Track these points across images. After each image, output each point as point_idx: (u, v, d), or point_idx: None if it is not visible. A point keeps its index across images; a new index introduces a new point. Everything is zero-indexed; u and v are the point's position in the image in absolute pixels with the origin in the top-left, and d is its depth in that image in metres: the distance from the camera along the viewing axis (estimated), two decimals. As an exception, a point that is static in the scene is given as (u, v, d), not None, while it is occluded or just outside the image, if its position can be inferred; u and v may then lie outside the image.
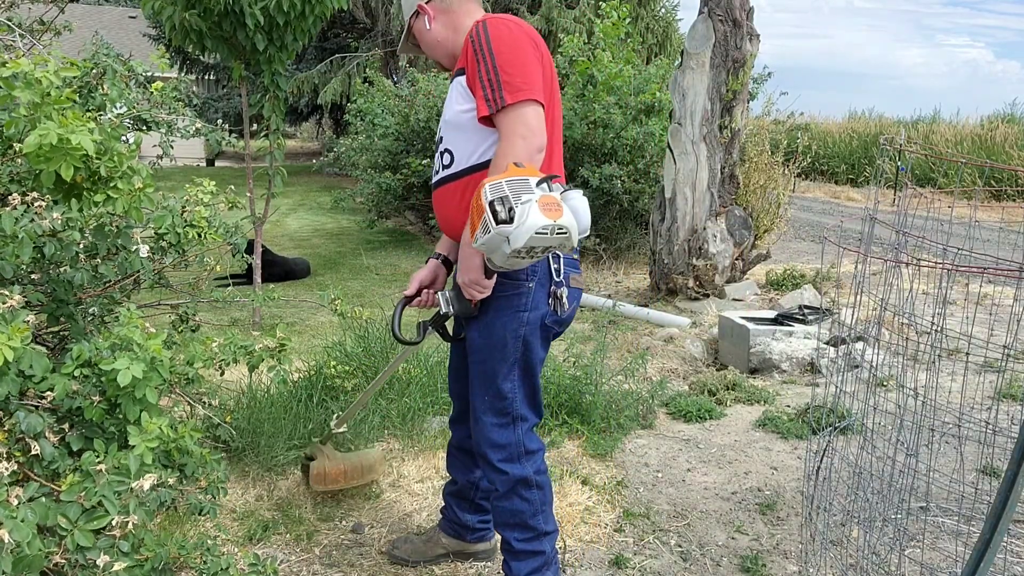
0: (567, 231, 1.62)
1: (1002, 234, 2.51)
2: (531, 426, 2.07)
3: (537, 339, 1.97)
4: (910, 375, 2.20)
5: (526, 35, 1.88)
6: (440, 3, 2.03)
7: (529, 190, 1.62)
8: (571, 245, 1.67)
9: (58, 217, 1.69)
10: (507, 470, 2.02)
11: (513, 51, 1.82)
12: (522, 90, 1.78)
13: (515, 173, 1.67)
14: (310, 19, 4.47)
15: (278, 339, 2.16)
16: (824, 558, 2.31)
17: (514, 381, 1.99)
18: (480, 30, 1.85)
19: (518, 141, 1.77)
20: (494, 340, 1.96)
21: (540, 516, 2.06)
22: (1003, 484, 1.51)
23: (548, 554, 2.08)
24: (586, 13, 12.77)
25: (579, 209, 1.69)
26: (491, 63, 1.80)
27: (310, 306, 5.42)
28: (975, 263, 1.80)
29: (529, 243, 1.61)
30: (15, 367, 1.47)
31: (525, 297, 1.92)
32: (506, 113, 1.78)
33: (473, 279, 1.84)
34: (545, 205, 1.60)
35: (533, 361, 1.99)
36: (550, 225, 1.59)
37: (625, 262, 7.43)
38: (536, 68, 1.84)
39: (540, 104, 1.81)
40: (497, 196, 1.61)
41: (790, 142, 8.32)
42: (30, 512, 1.35)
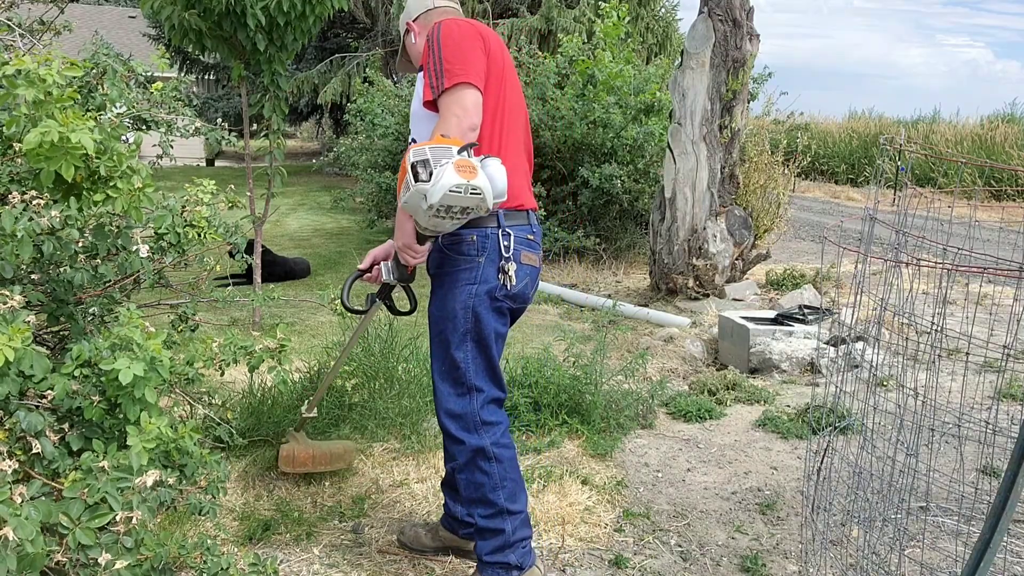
0: (480, 191, 1.79)
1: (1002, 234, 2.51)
2: (489, 399, 2.14)
3: (488, 311, 2.08)
4: (910, 375, 2.20)
5: (474, 31, 2.05)
6: (424, 19, 2.25)
7: (450, 156, 1.79)
8: (486, 206, 1.83)
9: (57, 215, 1.69)
10: (463, 439, 2.11)
11: (457, 43, 1.99)
12: (458, 75, 1.94)
13: (440, 142, 1.85)
14: (310, 19, 4.47)
15: (278, 339, 2.16)
16: (824, 558, 2.31)
17: (466, 351, 2.10)
18: (435, 29, 2.04)
19: (452, 119, 1.92)
20: (446, 311, 2.10)
21: (501, 492, 2.12)
22: (1003, 484, 1.51)
23: (508, 533, 2.12)
24: (586, 13, 12.77)
25: (495, 175, 1.85)
26: (438, 55, 1.98)
27: (310, 306, 5.42)
28: (975, 263, 1.80)
29: (444, 200, 1.78)
30: (15, 367, 1.47)
31: (475, 271, 2.06)
32: (445, 95, 1.94)
33: (406, 243, 1.98)
34: (460, 167, 1.77)
35: (485, 333, 2.09)
36: (463, 184, 1.76)
37: (625, 262, 7.43)
38: (478, 58, 2.00)
39: (476, 89, 1.96)
40: (419, 159, 1.79)
41: (790, 142, 8.32)
42: (33, 510, 1.36)
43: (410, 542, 2.49)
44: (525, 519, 2.18)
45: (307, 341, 4.75)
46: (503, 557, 2.13)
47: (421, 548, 2.47)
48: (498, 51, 2.09)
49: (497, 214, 2.06)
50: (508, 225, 2.07)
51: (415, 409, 3.38)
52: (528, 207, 2.17)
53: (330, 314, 3.64)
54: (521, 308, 2.21)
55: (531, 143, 2.33)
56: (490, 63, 2.04)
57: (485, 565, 2.15)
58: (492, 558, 2.14)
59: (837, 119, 19.76)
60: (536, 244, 2.18)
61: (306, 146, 26.05)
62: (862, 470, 2.16)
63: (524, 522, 2.17)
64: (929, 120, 17.73)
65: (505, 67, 2.12)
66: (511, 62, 2.19)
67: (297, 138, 28.34)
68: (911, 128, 16.77)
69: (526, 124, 2.29)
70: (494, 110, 2.08)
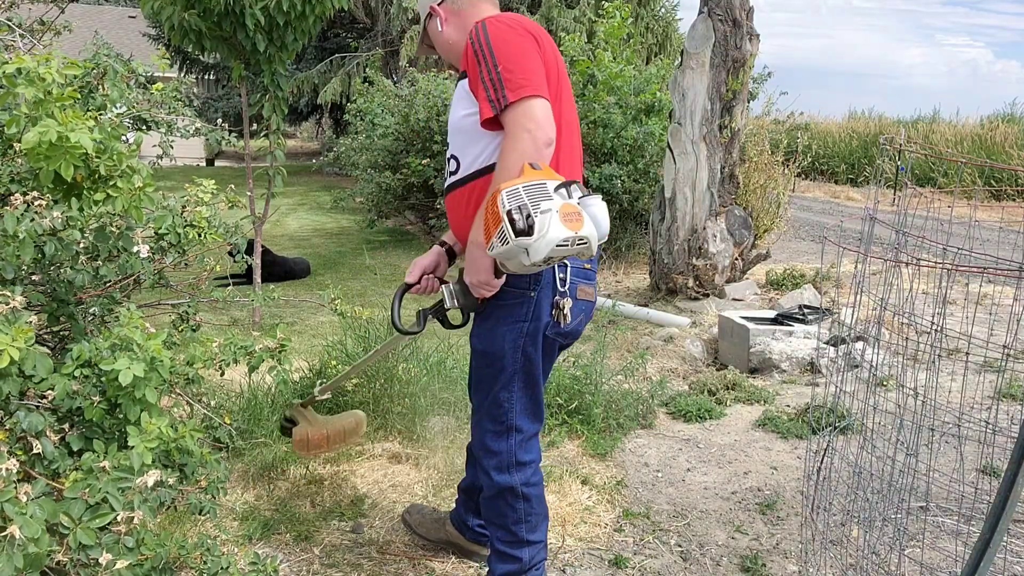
0: (587, 242, 1.57)
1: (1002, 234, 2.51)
2: (528, 437, 2.03)
3: (537, 350, 1.93)
4: (910, 375, 2.20)
5: (527, 31, 1.81)
6: (451, 4, 1.99)
7: (548, 196, 1.56)
8: (590, 254, 1.62)
9: (59, 216, 1.69)
10: (495, 478, 2.02)
11: (513, 48, 1.75)
12: (525, 87, 1.71)
13: (531, 176, 1.61)
14: (310, 19, 4.47)
15: (278, 339, 2.16)
16: (824, 558, 2.31)
17: (512, 391, 1.96)
18: (479, 31, 1.79)
19: (524, 136, 1.69)
20: (494, 349, 1.93)
21: (524, 525, 2.05)
22: (1003, 484, 1.51)
23: (525, 562, 2.07)
24: (586, 13, 12.77)
25: (599, 216, 1.64)
26: (491, 62, 1.74)
27: (310, 306, 5.42)
28: (975, 263, 1.80)
29: (549, 255, 1.55)
30: (17, 367, 1.47)
31: (527, 307, 1.88)
32: (511, 110, 1.71)
33: (483, 280, 1.79)
34: (566, 216, 1.54)
35: (534, 372, 1.95)
36: (571, 237, 1.54)
37: (625, 262, 7.43)
38: (538, 64, 1.77)
39: (544, 99, 1.73)
40: (515, 205, 1.55)
41: (790, 142, 8.32)
42: (38, 509, 1.36)
43: (415, 524, 2.48)
44: (543, 545, 2.13)
45: (307, 341, 4.75)
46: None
47: (424, 534, 2.47)
48: (552, 53, 1.85)
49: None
50: None
51: (415, 409, 3.38)
52: None
53: (330, 314, 3.64)
54: (571, 342, 2.04)
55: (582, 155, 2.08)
56: (547, 68, 1.81)
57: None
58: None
59: (837, 119, 19.76)
60: (593, 273, 1.98)
61: (306, 146, 26.05)
62: (862, 470, 2.16)
63: (542, 547, 2.13)
64: (929, 120, 17.72)
65: (560, 71, 1.88)
66: (563, 64, 1.94)
67: (297, 138, 28.34)
68: (911, 128, 16.76)
69: (579, 130, 2.04)
70: (558, 121, 1.82)
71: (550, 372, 2.10)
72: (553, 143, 1.74)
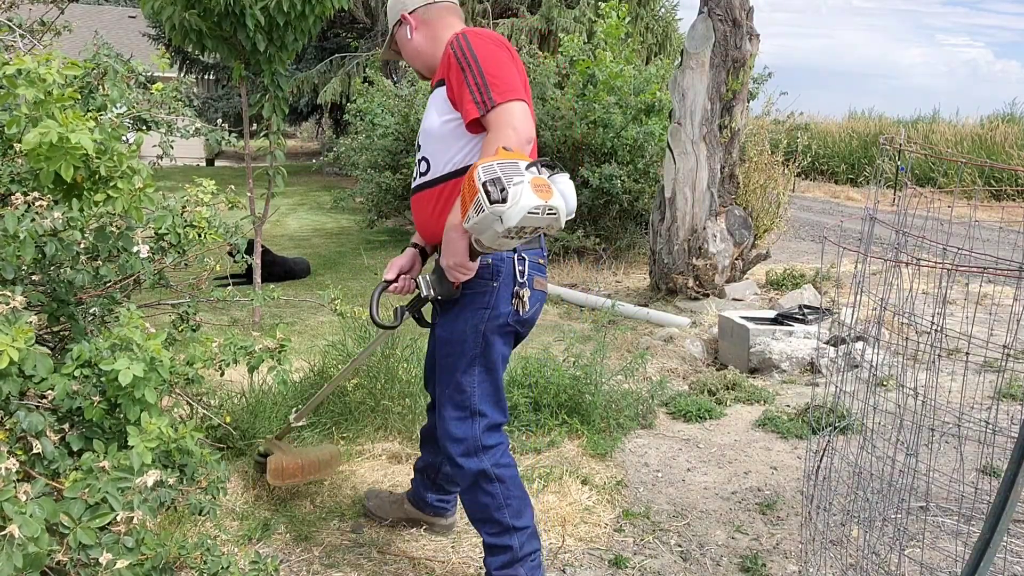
0: (556, 212, 1.71)
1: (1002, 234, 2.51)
2: (491, 424, 2.13)
3: (497, 337, 2.07)
4: (910, 375, 2.20)
5: (504, 46, 2.01)
6: (423, 14, 2.15)
7: (519, 172, 1.71)
8: (559, 226, 1.76)
9: (59, 216, 1.69)
10: (463, 464, 2.11)
11: (496, 58, 1.93)
12: (509, 91, 1.89)
13: (505, 156, 1.76)
14: (310, 19, 4.47)
15: (278, 339, 2.16)
16: (824, 558, 2.32)
17: (473, 376, 2.09)
18: (462, 41, 1.95)
19: (510, 132, 1.85)
20: (456, 335, 2.07)
21: (506, 510, 2.12)
22: (1003, 484, 1.51)
23: (516, 550, 2.12)
24: (586, 13, 12.76)
25: (566, 192, 1.78)
26: (477, 70, 1.90)
27: (310, 306, 5.43)
28: (975, 263, 1.81)
29: (521, 223, 1.69)
30: (17, 367, 1.47)
31: (489, 296, 2.03)
32: (496, 111, 1.87)
33: (458, 262, 1.91)
34: (537, 186, 1.69)
35: (494, 358, 2.09)
36: (542, 205, 1.68)
37: (625, 262, 7.43)
38: (516, 76, 1.95)
39: (525, 103, 1.91)
40: (490, 177, 1.69)
41: (790, 142, 8.32)
42: (38, 508, 1.36)
43: (375, 509, 2.63)
44: (533, 533, 2.17)
45: (307, 341, 4.75)
46: (512, 571, 2.13)
47: (384, 515, 2.61)
48: (520, 65, 2.07)
49: None
50: (523, 249, 2.04)
51: (415, 410, 3.38)
52: None
53: (330, 314, 3.64)
54: (527, 331, 2.19)
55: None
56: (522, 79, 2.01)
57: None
58: (501, 573, 2.14)
59: (837, 119, 19.75)
60: (545, 267, 2.16)
61: (306, 146, 26.05)
62: (862, 470, 2.16)
63: (532, 536, 2.17)
64: (929, 120, 17.71)
65: (526, 81, 2.08)
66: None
67: (297, 138, 28.33)
68: (911, 128, 16.76)
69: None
70: None
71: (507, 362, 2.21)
72: (533, 141, 1.92)
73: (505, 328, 2.07)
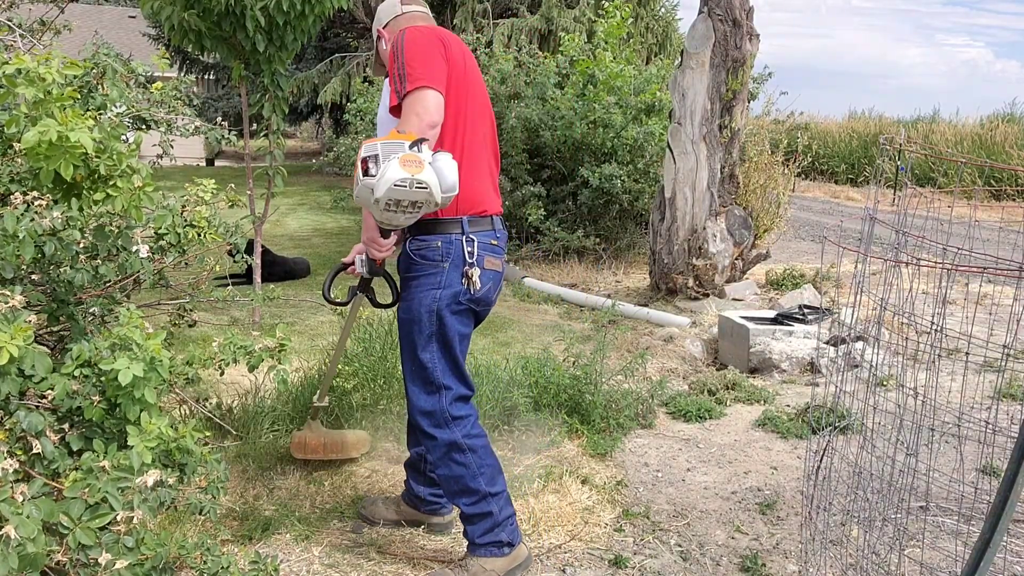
0: (426, 185, 1.83)
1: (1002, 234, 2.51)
2: (456, 396, 2.22)
3: (451, 315, 2.16)
4: (910, 375, 2.19)
5: (436, 37, 2.13)
6: (392, 25, 2.31)
7: (401, 150, 1.83)
8: (435, 200, 1.88)
9: (58, 216, 1.69)
10: (436, 435, 2.20)
11: (419, 49, 2.06)
12: (420, 79, 2.00)
13: (393, 137, 1.89)
14: (310, 19, 4.46)
15: (278, 339, 2.16)
16: (824, 558, 2.31)
17: (432, 352, 2.18)
18: (399, 36, 2.10)
19: (412, 117, 1.98)
20: (412, 315, 2.18)
21: (481, 478, 2.20)
22: (1003, 484, 1.51)
23: (496, 514, 2.21)
24: (586, 13, 12.76)
25: (443, 169, 1.90)
26: (401, 60, 2.04)
27: (310, 306, 5.42)
28: (975, 263, 1.80)
29: (389, 194, 1.82)
30: (16, 367, 1.47)
31: (439, 276, 2.14)
32: (408, 97, 2.01)
33: (370, 236, 2.09)
34: (406, 161, 1.81)
35: (450, 335, 2.17)
36: (408, 178, 1.80)
37: (625, 262, 7.43)
38: (439, 63, 2.07)
39: (438, 91, 2.02)
40: (370, 154, 1.85)
41: (790, 142, 8.32)
42: (35, 509, 1.36)
43: (371, 515, 2.63)
44: (507, 498, 2.27)
45: (307, 341, 4.74)
46: (495, 536, 2.22)
47: (381, 520, 2.62)
48: (459, 56, 2.16)
49: (461, 220, 2.14)
50: (472, 231, 2.15)
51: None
52: (492, 212, 2.24)
53: (330, 314, 3.64)
54: (485, 310, 2.28)
55: (497, 147, 2.39)
56: (451, 68, 2.11)
57: (478, 546, 2.24)
58: (484, 539, 2.22)
59: (837, 119, 19.74)
60: (500, 249, 2.25)
61: (306, 146, 26.04)
62: (862, 470, 2.16)
63: (507, 501, 2.26)
64: (929, 120, 17.70)
65: (467, 71, 2.19)
66: (475, 67, 2.27)
67: (297, 138, 28.32)
68: (911, 128, 16.75)
69: (492, 128, 2.35)
70: (455, 114, 2.14)
71: (468, 342, 2.31)
72: (436, 127, 2.02)
73: (458, 307, 2.16)
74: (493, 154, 2.34)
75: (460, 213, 2.13)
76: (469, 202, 2.14)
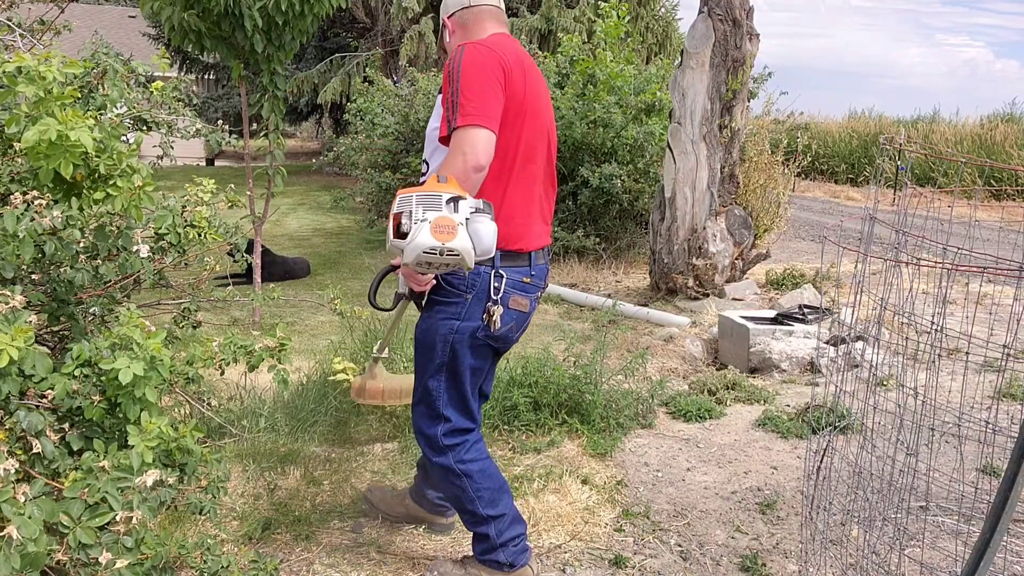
0: (458, 253, 1.70)
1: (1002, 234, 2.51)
2: (453, 428, 2.15)
3: (466, 349, 2.06)
4: (910, 374, 2.19)
5: (497, 63, 1.95)
6: (459, 18, 2.15)
7: (434, 207, 1.72)
8: (468, 265, 1.75)
9: (58, 215, 1.69)
10: (431, 457, 2.18)
11: (475, 77, 1.90)
12: (472, 115, 1.86)
13: (432, 188, 1.76)
14: (308, 18, 4.47)
15: (278, 339, 2.16)
16: (824, 557, 2.31)
17: (440, 381, 2.11)
18: (457, 54, 1.94)
19: (458, 157, 1.85)
20: (427, 339, 2.10)
21: (477, 502, 2.16)
22: (1003, 483, 1.51)
23: (492, 538, 2.18)
24: (586, 13, 12.77)
25: (480, 232, 1.76)
26: (456, 87, 1.90)
27: (310, 306, 5.42)
28: (975, 263, 1.80)
29: (418, 260, 1.71)
30: (16, 367, 1.47)
31: (460, 307, 2.03)
32: (456, 133, 1.88)
33: (407, 273, 1.97)
34: (437, 227, 1.69)
35: (460, 368, 2.08)
36: (438, 247, 1.68)
37: (625, 262, 7.43)
38: (495, 96, 1.92)
39: (489, 130, 1.88)
40: (404, 209, 1.73)
41: (790, 142, 8.32)
42: (36, 509, 1.36)
43: (376, 501, 2.65)
44: (513, 518, 2.21)
45: (307, 341, 4.75)
46: (493, 556, 2.20)
47: (385, 509, 2.63)
48: (519, 83, 2.01)
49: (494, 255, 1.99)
50: (503, 266, 2.03)
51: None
52: (530, 249, 2.10)
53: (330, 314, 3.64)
54: (504, 347, 2.17)
55: (554, 171, 2.25)
56: (508, 98, 1.97)
57: (478, 561, 2.24)
58: (483, 557, 2.22)
59: (837, 119, 19.74)
60: (532, 287, 2.12)
61: (306, 146, 26.03)
62: (862, 470, 2.16)
63: (512, 521, 2.20)
64: (929, 120, 17.70)
65: (526, 98, 2.03)
66: (536, 87, 2.09)
67: (297, 138, 28.31)
68: (911, 128, 16.74)
69: (549, 154, 2.20)
70: (506, 148, 2.00)
71: (488, 374, 2.22)
72: (483, 170, 1.88)
73: (475, 341, 2.06)
74: (547, 182, 2.21)
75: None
76: (504, 239, 2.00)
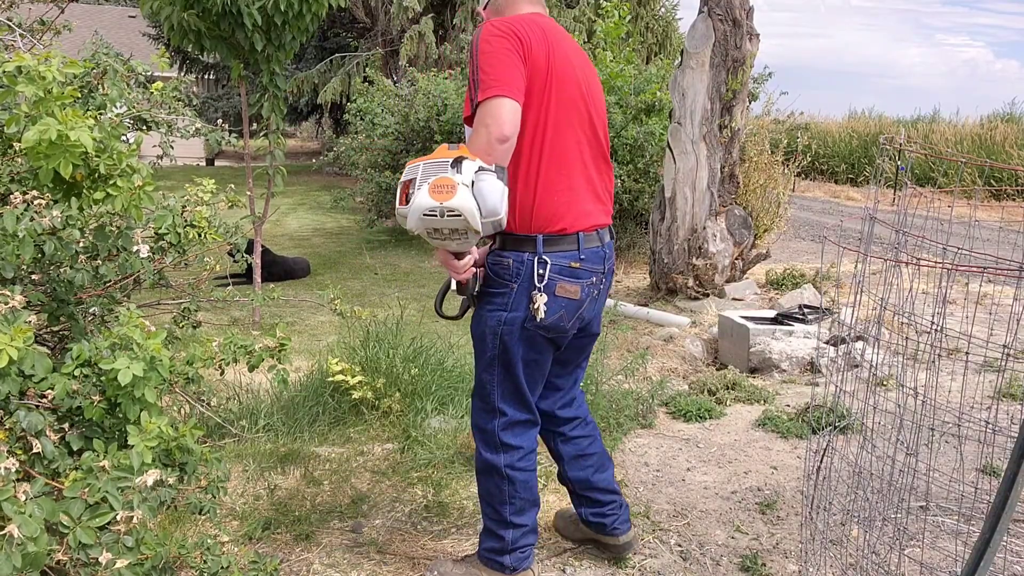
0: (459, 212, 1.66)
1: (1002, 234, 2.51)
2: (511, 422, 2.10)
3: (516, 340, 2.00)
4: (910, 374, 2.19)
5: (512, 34, 1.88)
6: (492, 7, 2.10)
7: (440, 172, 1.69)
8: (474, 228, 1.71)
9: (58, 215, 1.69)
10: (482, 452, 2.13)
11: (494, 51, 1.85)
12: (492, 87, 1.80)
13: (440, 155, 1.73)
14: (307, 18, 4.47)
15: (278, 339, 2.16)
16: (824, 557, 2.31)
17: (493, 374, 2.07)
18: (476, 35, 1.90)
19: (481, 130, 1.80)
20: (478, 332, 2.06)
21: (509, 506, 2.13)
22: (1003, 483, 1.51)
23: (507, 542, 2.15)
24: (586, 13, 12.77)
25: (484, 191, 1.72)
26: (476, 65, 1.85)
27: (310, 306, 5.42)
28: (975, 263, 1.80)
29: (421, 224, 1.69)
30: (16, 367, 1.47)
31: (508, 297, 1.98)
32: (480, 107, 1.82)
33: (443, 259, 1.90)
34: (436, 187, 1.66)
35: (512, 361, 2.03)
36: (437, 207, 1.65)
37: (625, 262, 7.43)
38: (515, 67, 1.84)
39: (512, 99, 1.81)
40: (410, 177, 1.71)
41: (790, 142, 8.32)
42: (37, 508, 1.36)
43: (561, 528, 2.56)
44: (531, 530, 2.20)
45: (307, 341, 4.75)
46: (498, 558, 2.18)
47: (569, 535, 2.53)
48: (541, 49, 1.90)
49: (536, 239, 1.93)
50: (547, 251, 1.93)
51: (416, 409, 3.38)
52: (577, 229, 1.98)
53: (330, 314, 3.64)
54: (562, 338, 2.06)
55: (604, 148, 2.13)
56: (531, 68, 1.88)
57: (481, 559, 2.22)
58: (488, 555, 2.20)
59: (837, 119, 19.76)
60: (584, 272, 2.00)
61: (306, 146, 26.03)
62: (862, 470, 2.16)
63: (528, 532, 2.20)
64: (929, 120, 17.72)
65: (552, 65, 1.91)
66: (568, 61, 1.97)
67: (297, 138, 28.32)
68: (911, 128, 16.75)
69: (592, 130, 2.07)
70: (536, 119, 1.91)
71: (543, 366, 2.10)
72: (508, 140, 1.80)
73: (524, 332, 1.98)
74: (596, 158, 2.09)
75: (534, 231, 1.93)
76: (544, 219, 1.92)
